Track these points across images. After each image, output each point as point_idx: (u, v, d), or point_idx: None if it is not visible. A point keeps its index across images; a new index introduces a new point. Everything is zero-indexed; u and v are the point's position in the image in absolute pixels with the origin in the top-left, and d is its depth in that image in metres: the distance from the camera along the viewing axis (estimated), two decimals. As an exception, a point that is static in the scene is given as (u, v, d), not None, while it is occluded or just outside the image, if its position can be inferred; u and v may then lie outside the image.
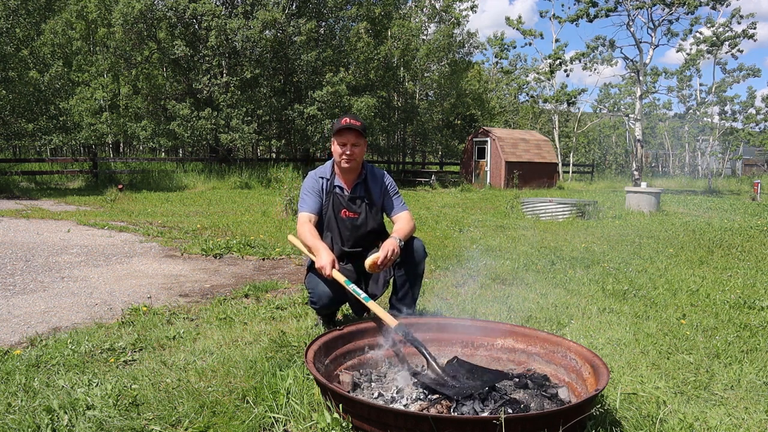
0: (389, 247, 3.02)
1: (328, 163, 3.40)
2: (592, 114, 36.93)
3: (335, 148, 3.22)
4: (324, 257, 2.93)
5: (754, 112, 34.07)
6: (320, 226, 3.31)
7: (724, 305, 4.20)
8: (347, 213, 3.29)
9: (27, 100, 16.48)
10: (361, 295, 2.82)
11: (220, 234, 7.52)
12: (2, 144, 20.23)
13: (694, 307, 4.17)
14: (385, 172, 3.46)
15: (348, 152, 3.18)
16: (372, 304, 2.79)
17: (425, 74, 28.40)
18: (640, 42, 21.28)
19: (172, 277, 5.11)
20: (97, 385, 2.56)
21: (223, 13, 20.09)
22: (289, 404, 2.34)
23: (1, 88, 15.18)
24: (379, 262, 2.99)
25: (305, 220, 3.21)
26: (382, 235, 3.35)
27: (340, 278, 2.91)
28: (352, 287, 2.87)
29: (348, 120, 3.16)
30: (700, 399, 2.55)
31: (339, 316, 3.69)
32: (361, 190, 3.34)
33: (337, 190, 3.31)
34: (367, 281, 3.31)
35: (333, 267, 2.92)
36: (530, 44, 34.04)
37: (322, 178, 3.33)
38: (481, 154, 23.39)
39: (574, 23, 21.68)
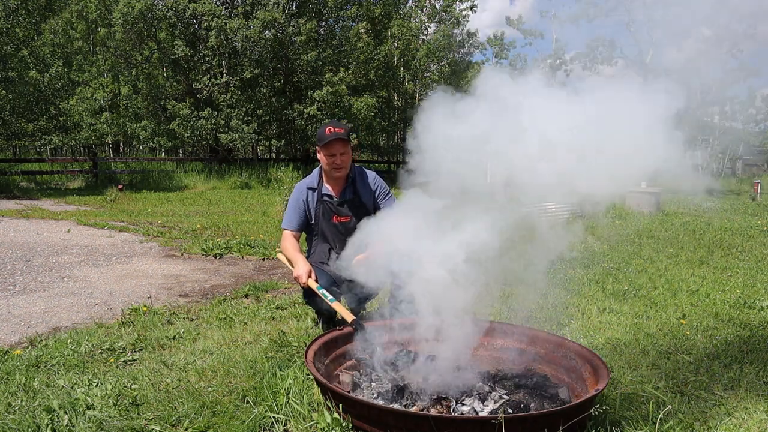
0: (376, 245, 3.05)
1: (315, 171, 3.45)
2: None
3: (323, 159, 3.26)
4: (300, 267, 3.09)
5: (754, 112, 34.02)
6: (311, 236, 3.43)
7: (724, 305, 4.20)
8: (338, 218, 3.35)
9: (27, 100, 16.45)
10: (328, 296, 2.98)
11: (220, 234, 7.52)
12: (2, 144, 20.22)
13: (694, 307, 4.17)
14: (374, 173, 3.48)
15: (337, 162, 3.23)
16: (336, 304, 2.94)
17: (425, 74, 28.38)
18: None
19: (172, 277, 5.11)
20: (97, 385, 2.56)
21: (223, 13, 20.06)
22: (289, 404, 2.34)
23: (1, 88, 15.16)
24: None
25: (287, 236, 3.36)
26: None
27: (314, 285, 3.05)
28: (322, 291, 3.01)
29: (332, 129, 3.17)
30: (700, 399, 2.55)
31: (339, 315, 3.69)
32: (349, 192, 3.38)
33: (326, 198, 3.36)
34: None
35: (309, 276, 3.06)
36: (530, 44, 34.06)
37: (310, 188, 3.39)
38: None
39: (575, 23, 21.71)
